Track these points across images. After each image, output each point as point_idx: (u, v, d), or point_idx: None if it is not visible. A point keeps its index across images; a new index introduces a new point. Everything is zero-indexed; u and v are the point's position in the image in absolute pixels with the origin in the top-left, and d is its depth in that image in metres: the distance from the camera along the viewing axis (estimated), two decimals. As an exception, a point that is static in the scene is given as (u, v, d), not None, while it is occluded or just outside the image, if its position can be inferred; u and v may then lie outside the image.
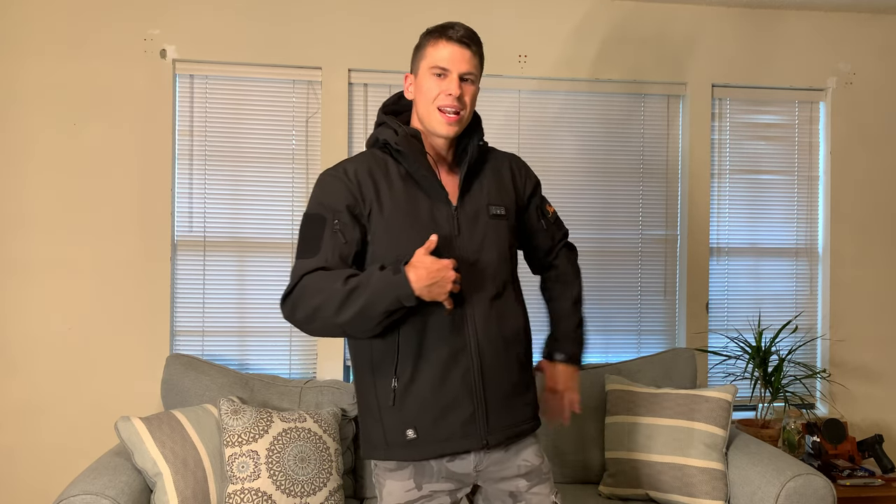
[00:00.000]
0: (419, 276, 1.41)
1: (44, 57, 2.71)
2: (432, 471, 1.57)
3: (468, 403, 1.54)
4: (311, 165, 2.86)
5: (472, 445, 1.55)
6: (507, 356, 1.60)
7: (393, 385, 1.53)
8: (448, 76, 1.55)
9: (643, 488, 2.41)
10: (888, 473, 2.70)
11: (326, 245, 1.51)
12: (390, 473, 1.58)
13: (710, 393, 2.46)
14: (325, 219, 1.53)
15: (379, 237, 1.55)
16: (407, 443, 1.54)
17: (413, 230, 1.54)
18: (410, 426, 1.53)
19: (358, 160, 1.61)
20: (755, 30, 3.09)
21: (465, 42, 1.55)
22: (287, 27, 2.82)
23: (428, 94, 1.56)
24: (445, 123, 1.56)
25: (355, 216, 1.54)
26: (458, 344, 1.54)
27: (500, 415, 1.58)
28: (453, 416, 1.53)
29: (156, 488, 2.09)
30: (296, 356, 2.86)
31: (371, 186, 1.56)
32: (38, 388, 2.69)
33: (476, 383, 1.55)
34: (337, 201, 1.54)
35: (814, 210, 3.17)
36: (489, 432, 1.56)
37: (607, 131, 3.03)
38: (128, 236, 2.74)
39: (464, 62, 1.55)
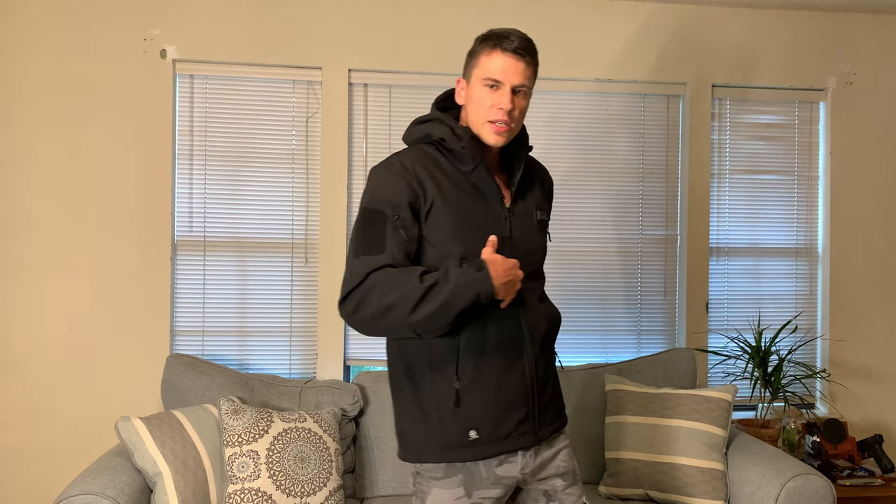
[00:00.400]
0: (497, 274, 1.43)
1: (44, 57, 2.71)
2: (482, 477, 1.54)
3: (524, 402, 1.56)
4: (311, 165, 2.86)
5: (526, 443, 1.56)
6: (549, 355, 1.64)
7: (455, 386, 1.51)
8: (500, 88, 1.52)
9: (643, 488, 2.41)
10: (888, 473, 2.70)
11: (391, 242, 1.46)
12: (437, 481, 1.54)
13: (710, 393, 2.46)
14: (385, 214, 1.47)
15: (439, 234, 1.51)
16: (469, 443, 1.52)
17: (472, 229, 1.53)
18: (473, 427, 1.52)
19: (410, 154, 1.56)
20: (755, 30, 3.09)
21: (520, 53, 1.51)
22: (287, 27, 2.82)
23: (480, 104, 1.53)
24: (494, 134, 1.54)
25: (415, 211, 1.50)
26: (516, 345, 1.55)
27: (546, 412, 1.61)
28: (512, 416, 1.54)
29: (156, 488, 2.09)
30: (296, 356, 2.86)
31: (431, 181, 1.52)
32: (38, 388, 2.70)
33: (531, 383, 1.57)
34: (397, 196, 1.49)
35: (813, 210, 3.17)
36: (539, 429, 1.59)
37: (607, 131, 3.03)
38: (128, 236, 2.74)
39: (517, 74, 1.52)
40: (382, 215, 1.47)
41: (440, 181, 1.53)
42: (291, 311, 2.86)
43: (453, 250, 1.50)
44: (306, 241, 2.86)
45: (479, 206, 1.56)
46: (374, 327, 1.43)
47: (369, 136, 2.90)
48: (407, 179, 1.50)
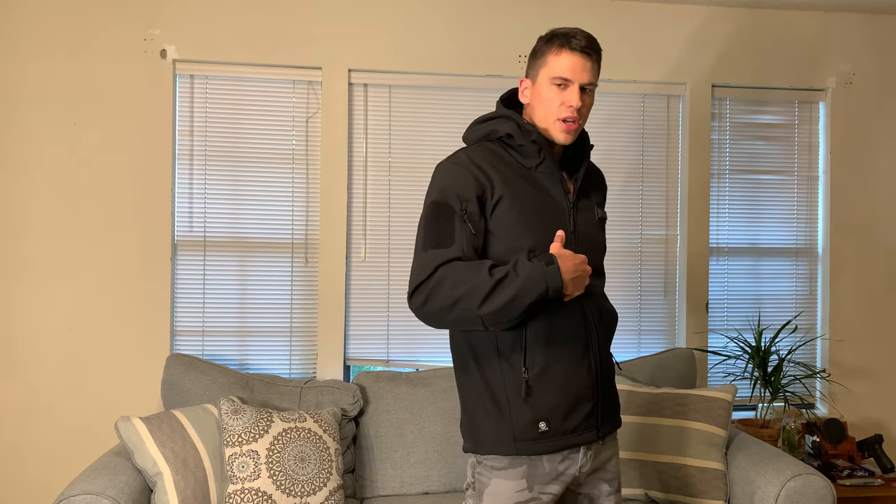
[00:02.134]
0: (567, 268, 1.44)
1: (44, 57, 2.71)
2: (544, 471, 1.54)
3: (592, 397, 1.57)
4: (311, 165, 2.87)
5: (591, 438, 1.57)
6: (609, 350, 1.65)
7: (524, 376, 1.51)
8: (569, 87, 1.54)
9: (643, 488, 2.41)
10: (888, 473, 2.70)
11: (459, 235, 1.48)
12: (498, 472, 1.53)
13: (710, 393, 2.46)
14: (453, 208, 1.49)
15: (507, 228, 1.52)
16: (539, 435, 1.51)
17: (538, 222, 1.54)
18: (543, 419, 1.52)
19: (475, 150, 1.58)
20: (755, 30, 3.09)
21: (588, 52, 1.54)
22: (287, 27, 2.82)
23: (549, 103, 1.55)
24: (564, 132, 1.56)
25: (482, 205, 1.52)
26: (583, 338, 1.56)
27: (608, 408, 1.62)
28: (581, 409, 1.55)
29: (156, 488, 2.09)
30: (296, 356, 2.86)
31: (497, 174, 1.53)
32: (38, 388, 2.70)
33: (597, 376, 1.58)
34: (465, 190, 1.50)
35: (813, 210, 3.17)
36: (603, 425, 1.59)
37: (607, 131, 3.03)
38: (128, 236, 2.74)
39: (585, 72, 1.54)
40: (451, 209, 1.49)
41: (506, 175, 1.55)
42: (291, 311, 2.86)
43: (521, 243, 1.51)
44: (306, 241, 2.86)
45: (545, 200, 1.57)
46: (443, 320, 1.46)
47: (369, 136, 2.90)
48: (474, 173, 1.52)
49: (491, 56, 2.91)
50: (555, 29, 1.59)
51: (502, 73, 2.93)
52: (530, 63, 1.62)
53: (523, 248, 1.51)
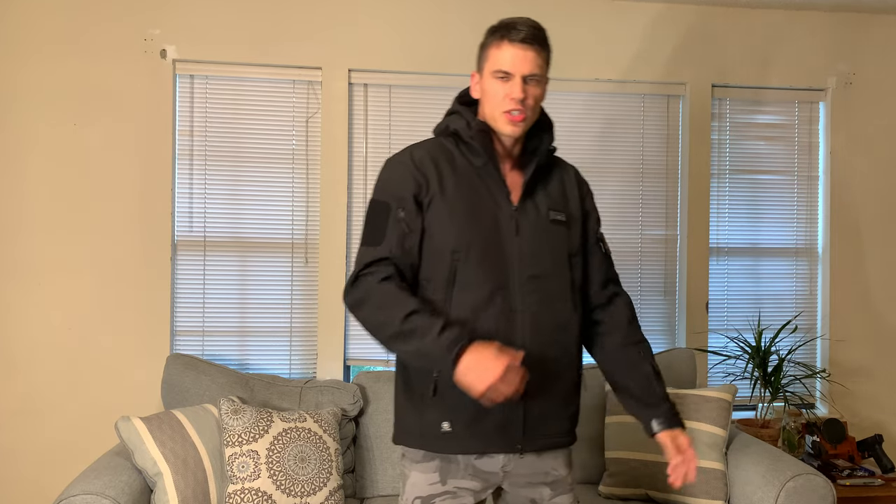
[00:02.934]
0: (467, 369, 1.37)
1: (44, 57, 2.71)
2: (458, 467, 1.55)
3: (507, 408, 1.52)
4: (311, 165, 2.87)
5: (503, 449, 1.54)
6: (556, 365, 1.56)
7: (435, 375, 1.51)
8: (511, 79, 1.52)
9: (643, 488, 2.41)
10: (888, 473, 2.70)
11: (391, 234, 1.51)
12: (416, 464, 1.56)
13: (710, 393, 2.46)
14: (389, 206, 1.52)
15: (437, 226, 1.53)
16: (441, 435, 1.53)
17: (472, 224, 1.53)
18: (447, 419, 1.52)
19: (425, 146, 1.60)
20: (755, 30, 3.09)
21: (528, 42, 1.52)
22: (287, 27, 2.82)
23: (493, 97, 1.54)
24: (510, 124, 1.54)
25: (419, 203, 1.53)
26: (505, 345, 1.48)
27: (538, 425, 1.56)
28: (491, 419, 1.52)
29: (156, 488, 2.09)
30: (296, 356, 2.86)
31: (435, 173, 1.54)
32: (38, 388, 2.70)
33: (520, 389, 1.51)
34: (402, 188, 1.53)
35: (814, 210, 3.17)
36: (525, 438, 1.55)
37: (607, 131, 3.03)
38: (128, 236, 2.74)
39: (526, 63, 1.52)
40: (386, 207, 1.52)
41: (445, 174, 1.55)
42: (291, 311, 2.86)
43: (445, 242, 1.52)
44: (306, 241, 2.86)
45: (485, 201, 1.55)
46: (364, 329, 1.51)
47: (369, 136, 2.90)
48: (412, 172, 1.54)
49: (491, 56, 2.91)
50: (502, 20, 1.57)
51: (502, 73, 2.93)
52: (478, 56, 1.60)
53: (447, 246, 1.51)
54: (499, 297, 1.51)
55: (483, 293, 1.51)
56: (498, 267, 1.53)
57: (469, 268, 1.51)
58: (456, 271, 1.52)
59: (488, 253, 1.52)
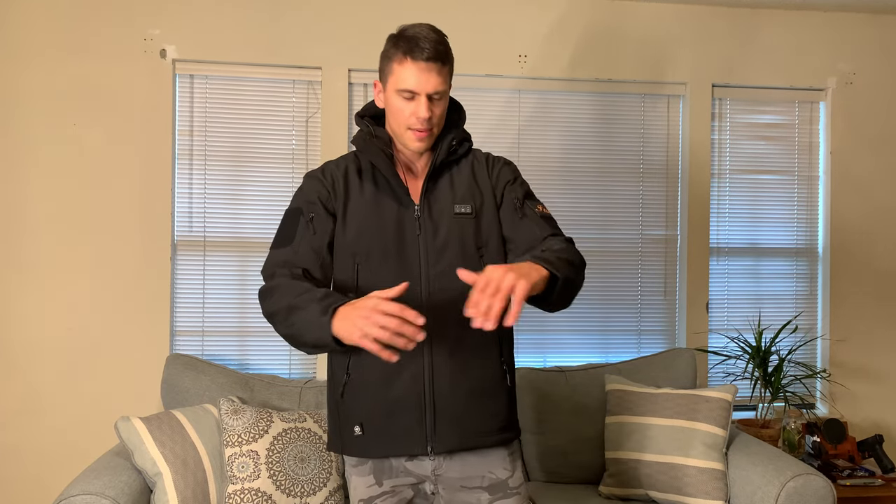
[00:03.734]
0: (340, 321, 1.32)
1: (44, 57, 2.71)
2: (391, 468, 1.58)
3: (414, 407, 1.52)
4: (312, 165, 2.86)
5: (415, 450, 1.53)
6: (467, 362, 1.55)
7: (344, 380, 1.56)
8: (417, 99, 1.52)
9: (643, 488, 2.41)
10: (888, 473, 2.70)
11: (299, 236, 1.56)
12: (353, 469, 1.61)
13: (710, 393, 2.46)
14: (301, 210, 1.58)
15: (340, 232, 1.58)
16: (354, 439, 1.56)
17: (371, 228, 1.57)
18: (357, 422, 1.55)
19: (339, 160, 1.66)
20: (755, 30, 3.09)
21: (433, 61, 1.50)
22: (287, 27, 2.82)
23: (398, 114, 1.55)
24: (416, 140, 1.56)
25: (328, 209, 1.58)
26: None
27: (451, 425, 1.54)
28: (398, 419, 1.53)
29: (156, 488, 2.09)
30: (296, 356, 2.86)
31: (343, 185, 1.60)
32: (38, 388, 2.69)
33: (425, 387, 1.53)
34: (312, 195, 1.59)
35: (814, 210, 3.17)
36: (436, 440, 1.53)
37: (607, 131, 3.03)
38: (128, 236, 2.74)
39: (431, 82, 1.51)
40: (297, 211, 1.59)
41: (352, 184, 1.60)
42: (291, 311, 2.85)
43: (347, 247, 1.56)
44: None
45: (388, 206, 1.59)
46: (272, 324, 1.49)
47: (369, 136, 2.90)
48: (322, 181, 1.60)
49: (491, 56, 2.91)
50: (403, 29, 1.55)
51: (502, 72, 2.93)
52: (381, 64, 1.58)
53: (349, 250, 1.56)
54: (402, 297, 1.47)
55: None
56: (402, 267, 1.55)
57: (371, 270, 1.55)
58: (358, 275, 1.55)
59: (389, 255, 1.55)
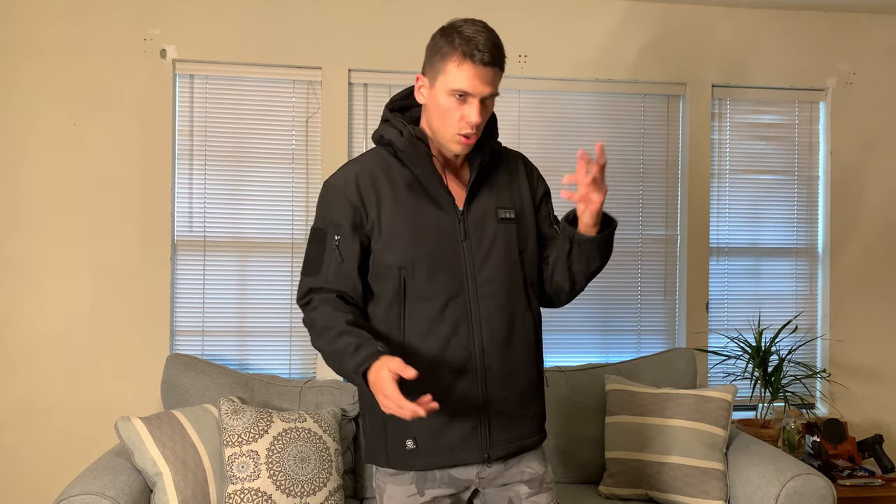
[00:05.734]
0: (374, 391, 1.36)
1: (44, 57, 2.71)
2: (434, 477, 1.54)
3: (471, 417, 1.51)
4: (311, 165, 2.86)
5: (472, 459, 1.52)
6: (514, 368, 1.55)
7: None
8: (470, 101, 1.46)
9: (643, 488, 2.41)
10: (888, 473, 2.69)
11: (326, 263, 1.52)
12: (391, 478, 1.56)
13: (710, 393, 2.46)
14: (326, 234, 1.53)
15: (380, 246, 1.52)
16: (407, 453, 1.52)
17: (415, 238, 1.51)
18: (410, 436, 1.51)
19: (363, 162, 1.57)
20: (755, 30, 3.09)
21: (492, 65, 1.45)
22: (287, 27, 2.82)
23: (447, 115, 1.47)
24: (463, 145, 1.50)
25: (356, 228, 1.52)
26: (462, 354, 1.50)
27: (504, 429, 1.54)
28: (454, 430, 1.51)
29: (156, 488, 2.09)
30: (296, 356, 2.86)
31: (373, 194, 1.52)
32: (38, 388, 2.69)
33: (480, 395, 1.51)
34: (338, 215, 1.52)
35: (814, 210, 3.17)
36: (491, 446, 1.53)
37: (607, 131, 3.03)
38: (128, 236, 2.74)
39: (487, 85, 1.46)
40: (323, 234, 1.54)
41: (383, 191, 1.53)
42: (291, 312, 2.85)
43: (393, 260, 1.51)
44: (306, 241, 2.86)
45: (428, 211, 1.53)
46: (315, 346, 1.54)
47: (369, 137, 2.90)
48: (348, 196, 1.52)
49: (491, 56, 2.91)
50: (457, 26, 1.49)
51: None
52: (429, 59, 1.51)
53: (393, 264, 1.50)
54: (453, 306, 1.50)
55: (436, 305, 1.50)
56: (449, 276, 1.51)
57: (418, 282, 1.50)
58: (406, 287, 1.51)
59: (436, 264, 1.51)
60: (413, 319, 1.50)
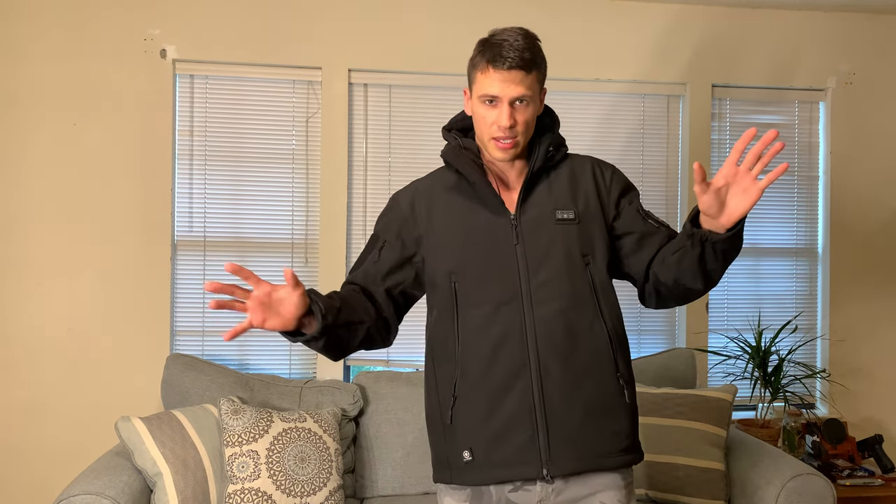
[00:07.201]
0: None
1: (44, 57, 2.71)
2: (491, 498, 1.47)
3: (527, 426, 1.43)
4: (311, 165, 2.87)
5: (529, 473, 1.43)
6: (580, 376, 1.46)
7: (452, 403, 1.48)
8: (499, 104, 1.46)
9: (643, 488, 2.41)
10: (888, 473, 2.70)
11: (369, 260, 1.58)
12: (450, 490, 1.52)
13: (710, 393, 2.46)
14: (377, 239, 1.60)
15: (432, 255, 1.54)
16: (464, 465, 1.46)
17: (465, 244, 1.51)
18: (466, 447, 1.46)
19: (427, 178, 1.64)
20: (755, 30, 3.09)
21: (514, 69, 1.45)
22: (287, 27, 2.82)
23: (482, 122, 1.50)
24: (499, 150, 1.51)
25: (401, 237, 1.58)
26: (516, 360, 1.45)
27: (567, 442, 1.44)
28: (509, 440, 1.44)
29: (156, 488, 2.09)
30: (296, 356, 2.86)
31: (425, 208, 1.57)
32: (38, 388, 2.70)
33: (536, 404, 1.44)
34: (389, 225, 1.60)
35: (814, 210, 3.17)
36: (551, 460, 1.43)
37: (607, 131, 3.03)
38: (128, 236, 2.74)
39: (514, 87, 1.45)
40: (375, 239, 1.61)
41: (437, 204, 1.57)
42: (291, 311, 2.85)
43: (442, 268, 1.53)
44: (306, 241, 2.86)
45: (479, 217, 1.53)
46: None
47: (369, 137, 2.90)
48: (402, 208, 1.60)
49: (491, 56, 2.91)
50: (492, 33, 1.50)
51: (502, 73, 2.93)
52: (468, 72, 1.54)
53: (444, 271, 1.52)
54: (505, 310, 1.47)
55: (487, 309, 1.48)
56: (501, 280, 1.49)
57: (469, 287, 1.49)
58: (457, 294, 1.50)
59: (487, 269, 1.50)
60: (465, 325, 1.48)
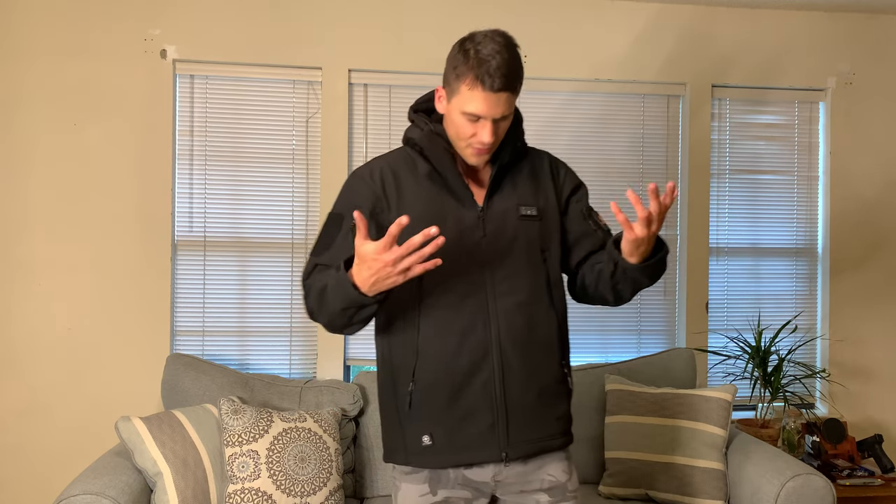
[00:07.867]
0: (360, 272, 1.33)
1: (44, 57, 2.71)
2: (448, 477, 1.53)
3: (487, 413, 1.50)
4: (311, 165, 2.87)
5: (489, 457, 1.50)
6: (536, 365, 1.53)
7: (410, 388, 1.51)
8: (482, 122, 1.46)
9: (643, 488, 2.41)
10: (888, 473, 2.70)
11: (337, 245, 1.50)
12: (405, 476, 1.55)
13: (710, 393, 2.46)
14: (343, 218, 1.53)
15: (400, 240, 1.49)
16: (423, 449, 1.51)
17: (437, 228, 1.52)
18: (427, 433, 1.50)
19: (390, 157, 1.60)
20: (755, 30, 3.09)
21: (503, 90, 1.43)
22: (287, 27, 2.82)
23: (461, 130, 1.48)
24: (475, 156, 1.52)
25: (374, 216, 1.52)
26: (479, 350, 1.49)
27: (523, 427, 1.52)
28: (471, 426, 1.49)
29: (156, 488, 2.09)
30: (296, 356, 2.86)
31: (394, 186, 1.54)
32: (38, 388, 2.70)
33: (497, 392, 1.50)
34: (358, 200, 1.53)
35: (814, 210, 3.17)
36: (509, 445, 1.51)
37: (607, 131, 3.03)
38: (128, 236, 2.74)
39: (499, 107, 1.45)
40: (340, 218, 1.53)
41: (405, 185, 1.54)
42: (291, 311, 2.86)
43: None
44: (306, 241, 2.86)
45: (447, 206, 1.53)
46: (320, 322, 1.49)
47: (369, 137, 2.90)
48: (370, 185, 1.54)
49: (491, 56, 2.91)
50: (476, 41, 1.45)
51: (502, 73, 2.93)
52: (447, 72, 1.49)
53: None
54: (470, 301, 1.49)
55: (452, 299, 1.49)
56: (466, 272, 1.50)
57: (434, 277, 1.49)
58: (422, 282, 1.50)
59: (451, 258, 1.50)
60: (429, 314, 1.49)
